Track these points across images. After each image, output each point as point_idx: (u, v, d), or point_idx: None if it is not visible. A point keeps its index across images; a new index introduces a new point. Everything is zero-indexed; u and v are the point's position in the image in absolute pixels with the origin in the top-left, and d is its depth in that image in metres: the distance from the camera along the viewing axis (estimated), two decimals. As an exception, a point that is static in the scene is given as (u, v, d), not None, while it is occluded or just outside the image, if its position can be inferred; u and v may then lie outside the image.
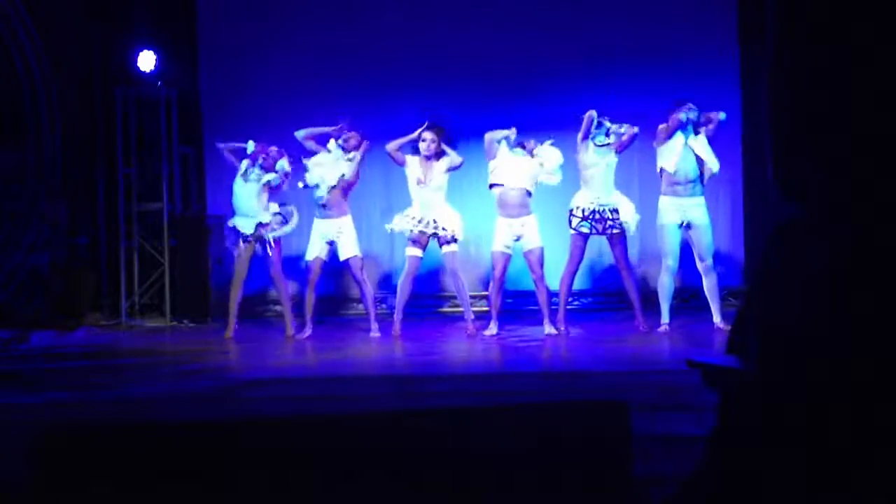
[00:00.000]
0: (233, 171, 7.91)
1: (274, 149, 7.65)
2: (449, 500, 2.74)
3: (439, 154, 7.36)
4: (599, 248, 8.84)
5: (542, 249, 7.16)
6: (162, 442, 2.97)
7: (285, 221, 7.61)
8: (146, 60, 8.99)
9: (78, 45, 9.21)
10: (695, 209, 7.05)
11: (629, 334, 7.11)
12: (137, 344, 7.62)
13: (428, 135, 7.32)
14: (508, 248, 7.20)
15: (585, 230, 7.12)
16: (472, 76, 9.15)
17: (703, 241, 7.03)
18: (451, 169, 7.38)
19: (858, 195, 1.73)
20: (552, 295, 7.33)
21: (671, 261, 7.12)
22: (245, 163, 7.69)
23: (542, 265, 7.15)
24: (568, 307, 7.29)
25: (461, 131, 8.68)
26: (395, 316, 7.44)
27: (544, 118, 8.87)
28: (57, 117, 8.71)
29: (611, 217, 7.11)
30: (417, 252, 7.37)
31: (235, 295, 7.70)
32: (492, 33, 9.19)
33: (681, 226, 7.08)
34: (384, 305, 8.76)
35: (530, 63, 9.17)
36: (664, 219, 7.08)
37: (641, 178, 8.67)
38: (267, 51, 9.27)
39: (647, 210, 7.51)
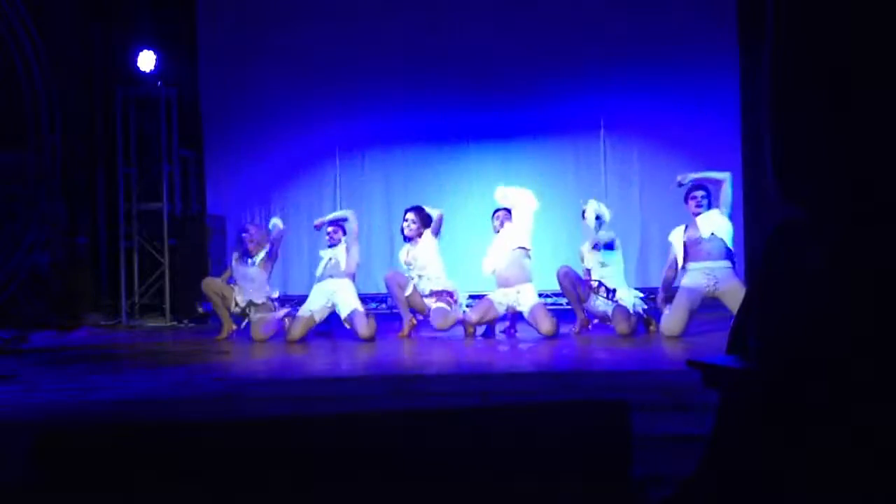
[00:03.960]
0: (233, 171, 7.91)
1: (252, 230, 7.56)
2: (448, 501, 2.74)
3: (421, 234, 7.39)
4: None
5: (540, 305, 7.03)
6: (162, 442, 2.97)
7: (276, 309, 7.54)
8: (146, 60, 9.00)
9: (78, 45, 9.22)
10: (721, 271, 6.69)
11: (629, 334, 7.10)
12: (137, 344, 7.62)
13: (410, 215, 7.37)
14: (501, 304, 7.12)
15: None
16: (472, 77, 9.16)
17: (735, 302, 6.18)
18: (434, 231, 7.38)
19: (858, 195, 1.73)
20: None
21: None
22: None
23: (547, 315, 6.95)
24: (568, 307, 7.27)
25: (460, 133, 8.69)
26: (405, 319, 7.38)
27: (544, 118, 8.88)
28: (57, 117, 8.72)
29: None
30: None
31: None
32: (491, 37, 9.19)
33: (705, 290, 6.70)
34: (384, 305, 8.76)
35: (529, 65, 9.17)
36: (688, 282, 6.74)
37: (642, 179, 8.68)
38: (266, 51, 9.28)
39: (647, 213, 7.49)
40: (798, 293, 1.82)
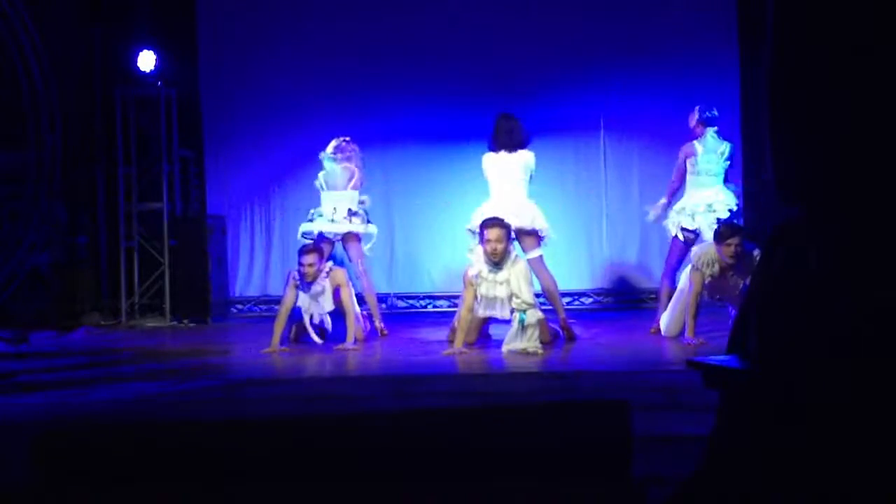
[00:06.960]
0: (233, 171, 7.90)
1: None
2: (449, 501, 2.74)
3: (516, 146, 7.01)
4: (600, 247, 8.84)
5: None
6: (162, 442, 2.97)
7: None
8: (146, 60, 8.99)
9: (78, 45, 9.22)
10: None
11: (629, 334, 7.11)
12: (137, 344, 7.62)
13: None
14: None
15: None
16: (472, 76, 9.15)
17: None
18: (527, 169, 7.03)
19: (858, 195, 1.73)
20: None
21: None
22: None
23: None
24: (569, 307, 7.26)
25: (460, 132, 8.69)
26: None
27: (544, 118, 8.87)
28: (57, 117, 8.72)
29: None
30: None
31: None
32: (492, 34, 9.18)
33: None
34: (384, 305, 8.77)
35: (529, 65, 9.16)
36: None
37: (642, 179, 8.68)
38: (267, 51, 9.28)
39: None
40: (798, 293, 1.82)
